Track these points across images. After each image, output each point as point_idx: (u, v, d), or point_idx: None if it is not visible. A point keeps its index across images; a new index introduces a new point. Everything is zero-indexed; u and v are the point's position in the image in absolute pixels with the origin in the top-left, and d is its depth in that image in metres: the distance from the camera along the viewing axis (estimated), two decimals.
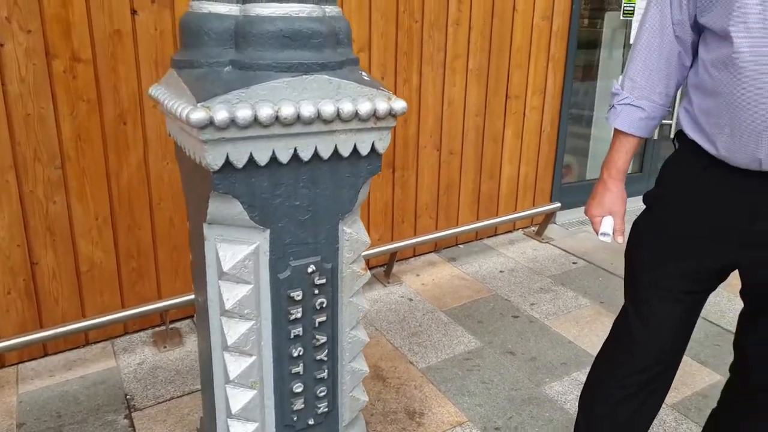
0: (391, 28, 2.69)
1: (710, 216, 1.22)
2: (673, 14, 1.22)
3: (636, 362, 1.38)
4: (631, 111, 1.30)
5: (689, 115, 1.24)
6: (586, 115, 4.04)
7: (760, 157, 1.10)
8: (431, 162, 3.05)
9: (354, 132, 1.14)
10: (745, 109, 1.09)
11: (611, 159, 1.36)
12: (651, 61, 1.26)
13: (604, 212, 1.37)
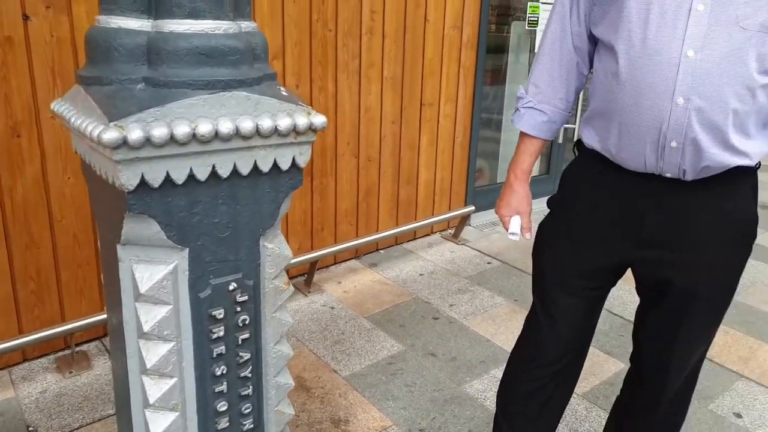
0: (305, 37, 2.69)
1: (606, 217, 1.31)
2: (572, 26, 1.31)
3: (544, 355, 1.46)
4: (534, 114, 1.39)
5: (587, 121, 1.33)
6: (496, 120, 4.20)
7: (645, 160, 1.20)
8: (350, 169, 3.07)
9: (274, 147, 1.13)
10: (628, 115, 1.18)
11: (516, 161, 1.44)
12: (552, 69, 1.35)
13: (511, 212, 1.45)
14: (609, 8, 1.20)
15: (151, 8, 0.99)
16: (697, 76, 1.10)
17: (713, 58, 1.09)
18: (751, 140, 1.18)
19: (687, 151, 1.15)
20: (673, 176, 1.20)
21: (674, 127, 1.14)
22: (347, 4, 2.80)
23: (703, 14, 1.08)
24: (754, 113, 1.15)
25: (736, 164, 1.18)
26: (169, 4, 0.95)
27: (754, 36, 1.08)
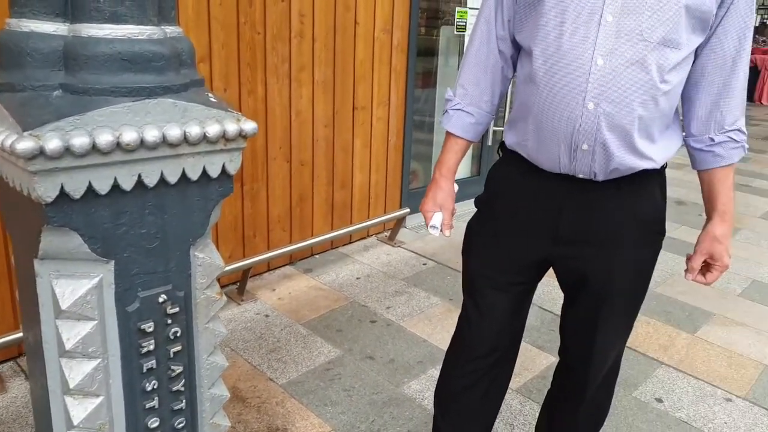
0: (233, 40, 2.64)
1: (527, 216, 1.37)
2: (497, 31, 1.36)
3: (476, 350, 1.50)
4: (461, 116, 1.43)
5: (509, 124, 1.39)
6: (428, 122, 4.26)
7: (559, 161, 1.26)
8: (282, 173, 3.03)
9: (203, 155, 1.10)
10: (544, 118, 1.25)
11: (443, 159, 1.48)
12: (478, 72, 1.40)
13: (435, 208, 1.48)
14: (529, 16, 1.26)
15: (68, 12, 0.94)
16: (605, 83, 1.17)
17: (620, 66, 1.16)
18: (655, 144, 1.26)
19: (597, 153, 1.22)
20: (585, 177, 1.27)
21: (585, 130, 1.20)
22: (275, 8, 2.77)
23: (611, 25, 1.15)
24: (658, 119, 1.23)
25: (642, 167, 1.26)
26: (87, 7, 0.91)
27: (656, 48, 1.16)
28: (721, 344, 2.64)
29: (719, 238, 1.32)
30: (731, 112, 1.27)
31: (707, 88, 1.26)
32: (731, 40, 1.21)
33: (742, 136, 1.30)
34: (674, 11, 1.14)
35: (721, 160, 1.30)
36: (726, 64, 1.23)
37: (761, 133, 7.75)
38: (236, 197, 2.83)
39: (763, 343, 2.66)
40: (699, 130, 1.30)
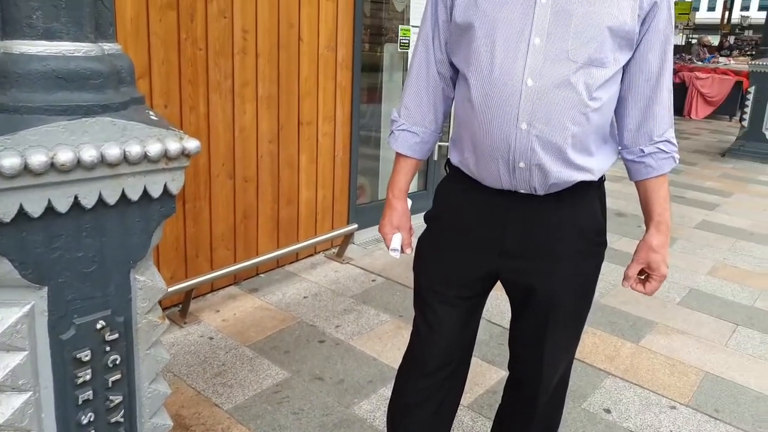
0: (173, 56, 2.57)
1: (473, 231, 1.39)
2: (435, 54, 1.40)
3: (426, 366, 1.50)
4: (407, 136, 1.46)
5: (452, 142, 1.43)
6: (374, 137, 4.28)
7: (500, 178, 1.30)
8: (225, 191, 2.96)
9: (143, 174, 1.06)
10: (482, 138, 1.28)
11: (394, 180, 1.50)
12: (420, 93, 1.44)
13: (393, 229, 1.50)
14: (461, 40, 1.31)
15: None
16: (536, 103, 1.21)
17: (549, 86, 1.21)
18: (593, 157, 1.31)
19: (533, 170, 1.26)
20: (526, 192, 1.31)
21: (520, 149, 1.25)
22: (217, 24, 2.72)
23: (539, 48, 1.20)
24: (592, 133, 1.28)
25: (580, 180, 1.30)
26: (19, 24, 0.87)
27: (582, 68, 1.21)
28: (664, 353, 2.73)
29: (655, 247, 1.38)
30: (659, 125, 1.34)
31: (635, 102, 1.32)
32: (654, 57, 1.28)
33: (672, 147, 1.36)
34: (598, 33, 1.20)
35: (653, 171, 1.36)
36: (651, 79, 1.30)
37: (692, 146, 8.13)
38: (178, 216, 2.75)
39: (703, 350, 2.77)
40: (630, 142, 1.36)
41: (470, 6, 1.27)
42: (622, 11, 1.21)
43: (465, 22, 1.28)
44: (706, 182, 6.07)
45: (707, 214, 4.95)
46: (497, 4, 1.23)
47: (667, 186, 1.39)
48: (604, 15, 1.19)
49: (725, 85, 10.46)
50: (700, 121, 10.41)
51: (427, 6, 1.40)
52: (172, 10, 2.54)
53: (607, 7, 1.20)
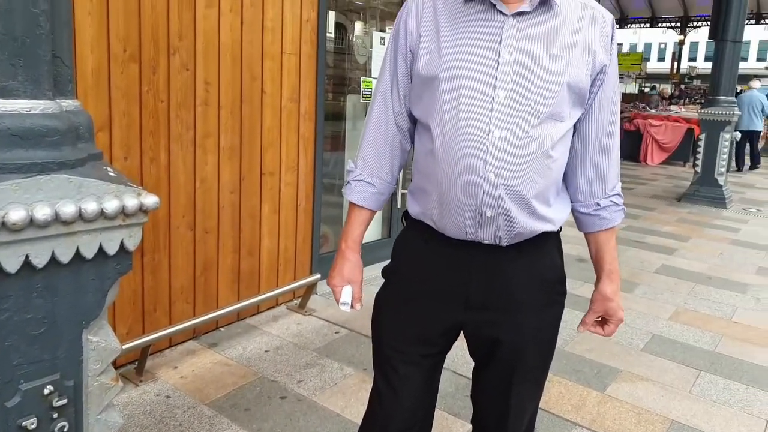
0: (134, 108, 2.56)
1: (435, 283, 1.38)
2: (394, 105, 1.42)
3: (388, 426, 1.46)
4: (363, 186, 1.46)
5: (412, 193, 1.43)
6: (338, 185, 4.30)
7: (465, 229, 1.31)
8: (185, 242, 2.91)
9: (99, 231, 1.03)
10: (447, 189, 1.30)
11: (347, 230, 1.49)
12: (378, 144, 1.45)
13: (343, 281, 1.47)
14: (424, 93, 1.33)
15: None
16: (503, 154, 1.24)
17: (515, 138, 1.24)
18: (551, 208, 1.35)
19: (500, 219, 1.28)
20: (490, 242, 1.32)
21: (487, 198, 1.26)
22: (180, 76, 2.73)
23: (504, 101, 1.24)
24: (552, 185, 1.32)
25: (543, 230, 1.33)
26: None
27: (544, 121, 1.26)
28: (630, 401, 2.74)
29: (610, 296, 1.42)
30: (611, 179, 1.40)
31: (589, 158, 1.38)
32: (605, 116, 1.35)
33: (621, 199, 1.43)
34: (558, 88, 1.25)
35: (607, 223, 1.41)
36: (603, 136, 1.36)
37: (649, 191, 8.39)
38: (136, 269, 2.68)
39: (668, 398, 2.79)
40: (585, 196, 1.41)
41: (434, 59, 1.29)
42: (579, 69, 1.27)
43: (429, 75, 1.30)
44: (664, 227, 6.26)
45: (666, 259, 5.08)
46: (462, 58, 1.27)
47: (615, 236, 1.44)
48: (563, 72, 1.25)
49: (678, 132, 10.94)
50: (656, 167, 10.80)
51: (385, 58, 1.42)
52: (134, 63, 2.53)
53: (565, 65, 1.25)
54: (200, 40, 2.80)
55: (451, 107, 1.27)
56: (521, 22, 1.26)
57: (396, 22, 1.39)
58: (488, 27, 1.26)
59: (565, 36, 1.27)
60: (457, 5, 1.30)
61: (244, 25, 3.01)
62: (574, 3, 1.30)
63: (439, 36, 1.30)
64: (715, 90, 7.39)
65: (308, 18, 3.38)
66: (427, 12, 1.33)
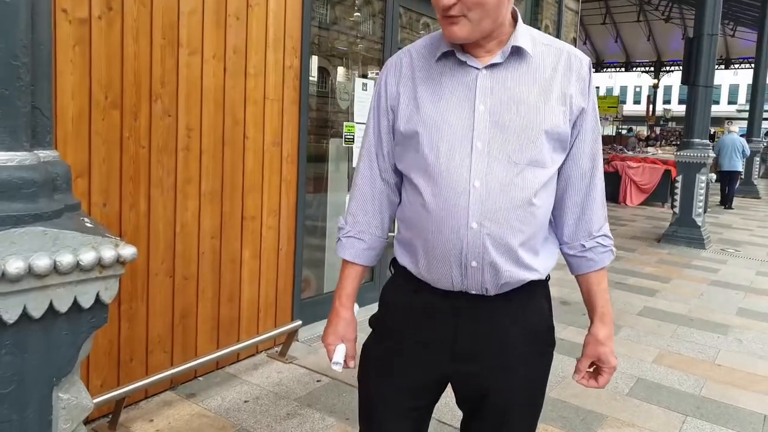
0: (115, 154, 2.54)
1: (422, 334, 1.36)
2: (379, 162, 1.43)
3: None
4: (354, 242, 1.46)
5: (399, 243, 1.43)
6: (320, 227, 4.27)
7: (452, 279, 1.30)
8: (164, 290, 2.85)
9: (74, 284, 1.00)
10: (433, 241, 1.29)
11: (340, 287, 1.48)
12: (366, 200, 1.46)
13: (337, 340, 1.45)
14: (407, 147, 1.35)
15: None
16: (485, 203, 1.25)
17: (496, 187, 1.25)
18: (538, 257, 1.34)
19: (486, 270, 1.27)
20: (477, 293, 1.31)
21: (472, 249, 1.26)
22: (162, 122, 2.72)
23: (482, 151, 1.26)
24: (538, 232, 1.32)
25: (529, 279, 1.32)
26: None
27: (524, 169, 1.26)
28: None
29: (602, 340, 1.39)
30: (596, 220, 1.39)
31: (573, 200, 1.38)
32: (587, 157, 1.36)
33: (609, 240, 1.42)
34: (536, 136, 1.26)
35: (594, 264, 1.40)
36: (585, 177, 1.37)
37: (630, 232, 8.47)
38: (112, 318, 2.61)
39: None
40: (570, 238, 1.40)
41: (413, 114, 1.32)
42: (556, 116, 1.28)
43: (409, 130, 1.32)
44: (645, 268, 6.30)
45: (648, 300, 5.10)
46: (439, 112, 1.29)
47: (606, 278, 1.43)
48: (539, 120, 1.26)
49: (655, 173, 11.16)
50: (635, 208, 10.96)
51: (369, 117, 1.45)
52: (115, 110, 2.52)
53: (542, 113, 1.27)
54: (183, 87, 2.81)
55: (432, 160, 1.28)
56: (494, 74, 1.28)
57: (377, 83, 1.43)
58: (462, 81, 1.29)
59: (540, 83, 1.29)
60: (431, 63, 1.33)
61: (227, 72, 3.03)
62: (549, 49, 1.32)
63: (417, 93, 1.33)
64: (690, 133, 7.57)
65: (291, 64, 3.42)
66: (405, 71, 1.37)
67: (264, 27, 3.21)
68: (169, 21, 2.71)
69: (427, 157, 1.29)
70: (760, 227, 9.27)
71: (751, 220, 9.99)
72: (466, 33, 1.23)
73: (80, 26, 2.37)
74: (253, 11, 3.13)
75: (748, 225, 9.46)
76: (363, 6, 4.53)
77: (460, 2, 1.20)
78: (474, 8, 1.20)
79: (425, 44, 1.38)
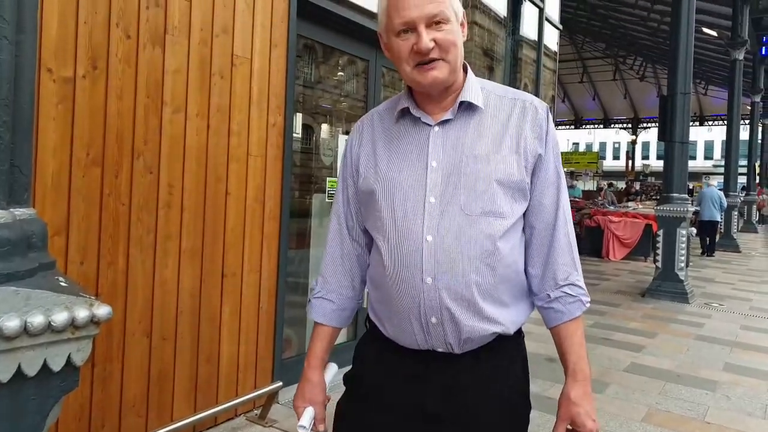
0: (94, 211, 2.51)
1: (393, 395, 1.33)
2: (348, 222, 1.45)
3: None
4: (323, 304, 1.46)
5: (370, 301, 1.43)
6: (302, 284, 4.22)
7: (416, 338, 1.29)
8: (140, 350, 2.76)
9: (45, 346, 0.96)
10: (394, 298, 1.29)
11: (310, 348, 1.47)
12: (336, 262, 1.47)
13: (305, 403, 1.42)
14: (367, 207, 1.38)
15: None
16: (438, 257, 1.25)
17: (448, 240, 1.25)
18: (506, 309, 1.31)
19: (446, 324, 1.26)
20: (444, 350, 1.29)
21: (429, 304, 1.25)
22: (143, 179, 2.71)
23: (435, 205, 1.27)
24: (501, 283, 1.29)
25: (492, 332, 1.29)
26: None
27: (478, 220, 1.26)
28: None
29: (575, 400, 1.30)
30: (562, 268, 1.34)
31: (538, 249, 1.35)
32: (550, 203, 1.34)
33: (579, 290, 1.35)
34: (487, 187, 1.26)
35: (563, 316, 1.34)
36: (549, 225, 1.34)
37: (614, 287, 8.46)
38: (84, 381, 2.51)
39: None
40: (538, 289, 1.36)
41: (371, 174, 1.36)
42: (508, 165, 1.28)
43: (368, 189, 1.35)
44: (631, 323, 6.28)
45: (635, 357, 5.05)
46: (395, 171, 1.32)
47: (581, 332, 1.35)
48: (491, 170, 1.27)
49: (637, 228, 11.29)
50: (618, 263, 11.01)
51: (338, 179, 1.49)
52: (96, 167, 2.51)
53: (493, 163, 1.27)
54: (165, 144, 2.82)
55: (388, 217, 1.30)
56: (446, 130, 1.31)
57: (345, 146, 1.47)
58: (417, 139, 1.32)
59: (491, 135, 1.30)
60: (391, 123, 1.38)
61: (211, 129, 3.05)
62: (502, 100, 1.34)
63: (376, 153, 1.37)
64: (669, 188, 7.71)
65: (275, 122, 3.46)
66: (367, 133, 1.42)
67: (248, 85, 3.26)
68: (154, 80, 2.74)
69: (382, 214, 1.31)
70: (742, 281, 9.35)
71: (733, 274, 10.09)
72: (445, 75, 1.27)
73: (64, 85, 2.38)
74: (237, 70, 3.18)
75: (730, 279, 9.54)
76: (347, 65, 4.64)
77: (437, 46, 1.23)
78: (451, 49, 1.25)
79: (387, 107, 1.43)
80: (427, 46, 1.22)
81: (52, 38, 2.33)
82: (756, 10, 14.47)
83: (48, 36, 2.32)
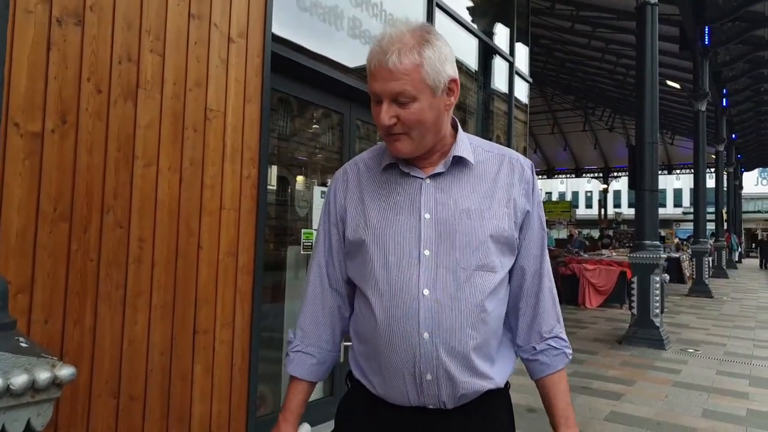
0: (61, 268, 2.44)
1: None
2: (329, 272, 1.42)
3: None
4: (302, 357, 1.42)
5: (353, 357, 1.38)
6: (277, 338, 4.12)
7: (407, 394, 1.25)
8: (107, 412, 2.64)
9: (3, 411, 0.91)
10: (386, 354, 1.26)
11: (286, 400, 1.42)
12: (316, 313, 1.42)
13: None
14: (356, 257, 1.34)
15: None
16: (434, 312, 1.23)
17: (445, 294, 1.24)
18: (494, 365, 1.31)
19: (441, 381, 1.23)
20: (435, 407, 1.26)
21: (425, 360, 1.22)
22: (112, 234, 2.66)
23: (430, 259, 1.25)
24: (491, 338, 1.29)
25: (487, 388, 1.28)
26: None
27: (473, 274, 1.26)
28: None
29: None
30: (546, 321, 1.37)
31: (525, 302, 1.37)
32: (535, 258, 1.36)
33: (562, 342, 1.38)
34: (482, 241, 1.27)
35: (547, 368, 1.36)
36: (535, 279, 1.36)
37: (591, 334, 8.45)
38: None
39: None
40: (523, 341, 1.38)
41: (360, 224, 1.33)
42: (501, 220, 1.30)
43: (357, 239, 1.32)
44: (609, 371, 6.25)
45: (614, 405, 5.01)
46: (386, 221, 1.30)
47: (566, 380, 1.38)
48: (484, 225, 1.28)
49: (611, 275, 11.39)
50: (594, 310, 11.04)
51: (319, 230, 1.45)
52: (64, 222, 2.46)
53: (486, 218, 1.28)
54: (136, 198, 2.78)
55: (381, 269, 1.27)
56: (438, 183, 1.31)
57: (326, 194, 1.45)
58: (408, 190, 1.31)
59: (483, 189, 1.31)
60: (377, 173, 1.36)
61: (183, 183, 3.02)
62: (490, 156, 1.36)
63: (364, 203, 1.34)
64: (641, 235, 7.85)
65: (249, 175, 3.45)
66: (352, 182, 1.39)
67: (222, 139, 3.26)
68: (125, 134, 2.73)
69: (375, 266, 1.28)
70: (716, 326, 9.44)
71: (707, 319, 10.18)
72: (409, 149, 1.27)
73: (32, 140, 2.35)
74: (211, 124, 3.18)
75: (704, 324, 9.62)
76: (321, 118, 4.70)
77: (400, 122, 1.23)
78: (415, 126, 1.24)
79: (371, 155, 1.42)
80: (384, 123, 1.23)
81: (20, 93, 2.32)
82: (715, 64, 15.16)
83: (16, 91, 2.30)
